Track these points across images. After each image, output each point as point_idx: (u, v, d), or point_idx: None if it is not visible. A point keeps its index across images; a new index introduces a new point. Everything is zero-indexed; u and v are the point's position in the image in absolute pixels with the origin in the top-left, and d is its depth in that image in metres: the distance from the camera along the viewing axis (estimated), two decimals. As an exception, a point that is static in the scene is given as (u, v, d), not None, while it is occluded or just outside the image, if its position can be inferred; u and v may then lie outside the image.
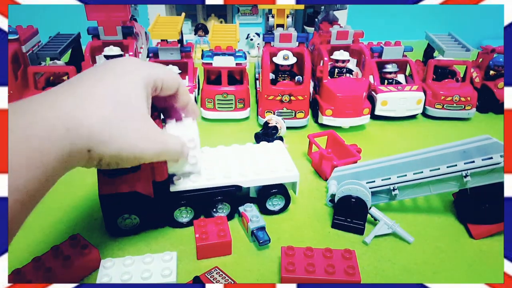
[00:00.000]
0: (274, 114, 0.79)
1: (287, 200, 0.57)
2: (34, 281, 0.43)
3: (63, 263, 0.45)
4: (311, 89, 0.86)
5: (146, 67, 0.43)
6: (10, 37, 0.79)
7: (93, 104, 0.36)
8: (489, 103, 0.88)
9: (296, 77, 0.82)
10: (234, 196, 0.54)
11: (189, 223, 0.54)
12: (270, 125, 0.72)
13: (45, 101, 0.35)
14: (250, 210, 0.54)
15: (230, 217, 0.55)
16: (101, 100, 0.37)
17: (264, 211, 0.56)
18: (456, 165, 0.52)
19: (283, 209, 0.57)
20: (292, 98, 0.79)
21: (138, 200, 0.50)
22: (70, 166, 0.36)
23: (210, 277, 0.45)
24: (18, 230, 0.33)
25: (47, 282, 0.42)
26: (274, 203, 0.56)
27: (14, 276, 0.43)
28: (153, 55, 0.85)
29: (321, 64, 0.82)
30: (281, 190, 0.56)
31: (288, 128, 0.75)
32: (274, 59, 0.81)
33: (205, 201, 0.53)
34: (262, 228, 0.52)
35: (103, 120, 0.36)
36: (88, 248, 0.47)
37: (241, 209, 0.54)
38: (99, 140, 0.36)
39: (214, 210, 0.55)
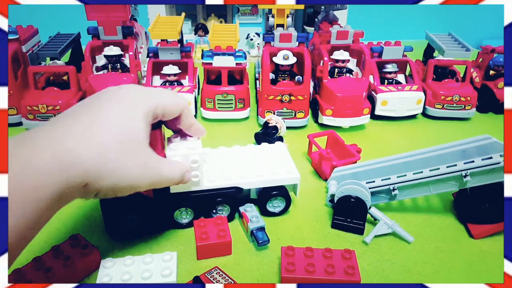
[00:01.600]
0: (274, 114, 0.79)
1: (288, 202, 0.56)
2: (34, 281, 0.43)
3: (63, 263, 0.45)
4: (311, 89, 0.86)
5: (147, 96, 0.42)
6: (10, 37, 0.80)
7: (95, 139, 0.36)
8: (489, 103, 0.88)
9: (296, 77, 0.82)
10: (234, 198, 0.54)
11: (189, 224, 0.54)
12: (270, 125, 0.72)
13: (45, 135, 0.35)
14: (250, 210, 0.54)
15: (230, 218, 0.55)
16: (103, 135, 0.37)
17: (265, 213, 0.56)
18: (455, 165, 0.52)
19: (283, 211, 0.57)
20: (292, 98, 0.79)
21: (138, 200, 0.50)
22: (65, 201, 0.36)
23: (210, 277, 0.45)
24: (18, 255, 0.33)
25: (47, 282, 0.43)
26: (275, 205, 0.56)
27: (14, 276, 0.43)
28: (153, 55, 0.85)
29: (321, 64, 0.82)
30: (281, 192, 0.55)
31: (288, 128, 0.75)
32: (274, 59, 0.81)
33: (205, 203, 0.53)
34: (262, 229, 0.52)
35: (103, 155, 0.36)
36: (88, 248, 0.47)
37: (241, 209, 0.54)
38: (97, 175, 0.36)
39: (214, 211, 0.55)
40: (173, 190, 0.51)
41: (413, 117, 0.87)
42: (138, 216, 0.51)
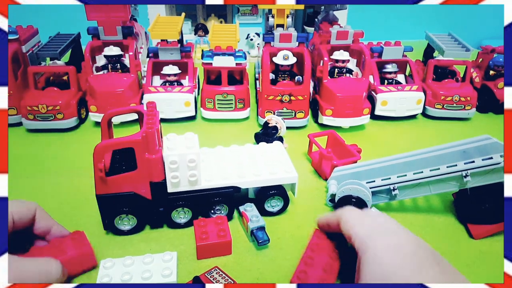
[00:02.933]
0: (274, 114, 0.79)
1: (286, 201, 0.56)
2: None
3: (56, 251, 0.45)
4: (311, 89, 0.86)
5: None
6: (10, 37, 0.80)
7: None
8: (489, 103, 0.88)
9: (296, 77, 0.82)
10: (232, 197, 0.54)
11: (187, 224, 0.54)
12: (270, 125, 0.72)
13: None
14: (250, 210, 0.54)
15: (228, 218, 0.55)
16: None
17: (263, 212, 0.56)
18: (456, 165, 0.52)
19: (281, 211, 0.57)
20: (292, 98, 0.79)
21: (135, 201, 0.50)
22: None
23: (210, 277, 0.45)
24: None
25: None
26: (273, 205, 0.56)
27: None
28: (153, 55, 0.85)
29: (321, 64, 0.82)
30: (279, 191, 0.55)
31: (288, 128, 0.75)
32: (274, 59, 0.81)
33: (203, 202, 0.53)
34: (262, 228, 0.52)
35: None
36: (85, 246, 0.47)
37: (241, 208, 0.54)
38: None
39: (212, 211, 0.55)
40: (170, 189, 0.51)
41: (413, 117, 0.87)
42: (135, 217, 0.52)
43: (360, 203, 0.53)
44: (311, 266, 0.44)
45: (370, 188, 0.55)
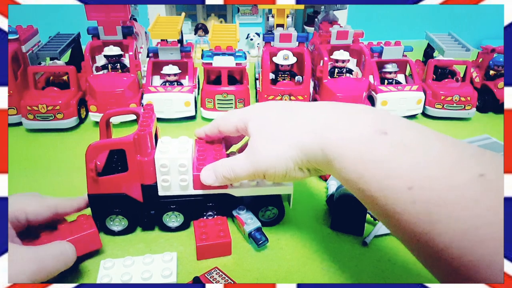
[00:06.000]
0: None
1: (281, 212, 0.54)
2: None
3: (65, 235, 0.46)
4: (311, 89, 0.86)
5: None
6: (10, 37, 0.80)
7: None
8: (489, 103, 0.88)
9: (296, 77, 0.82)
10: (224, 204, 0.53)
11: (178, 228, 0.53)
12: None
13: None
14: (243, 213, 0.53)
15: None
16: None
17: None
18: (456, 165, 0.52)
19: (276, 221, 0.55)
20: (292, 98, 0.79)
21: (126, 202, 0.50)
22: None
23: (210, 277, 0.45)
24: None
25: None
26: (267, 214, 0.55)
27: None
28: (153, 55, 0.85)
29: (321, 64, 0.82)
30: (274, 201, 0.54)
31: (288, 128, 0.75)
32: (274, 59, 0.81)
33: (194, 207, 0.52)
34: (259, 229, 0.51)
35: None
36: (91, 227, 0.47)
37: (234, 212, 0.54)
38: None
39: (205, 217, 0.54)
40: (161, 193, 0.51)
41: (413, 117, 0.87)
42: (126, 218, 0.52)
43: (358, 203, 0.53)
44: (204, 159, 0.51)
45: (370, 188, 0.55)
